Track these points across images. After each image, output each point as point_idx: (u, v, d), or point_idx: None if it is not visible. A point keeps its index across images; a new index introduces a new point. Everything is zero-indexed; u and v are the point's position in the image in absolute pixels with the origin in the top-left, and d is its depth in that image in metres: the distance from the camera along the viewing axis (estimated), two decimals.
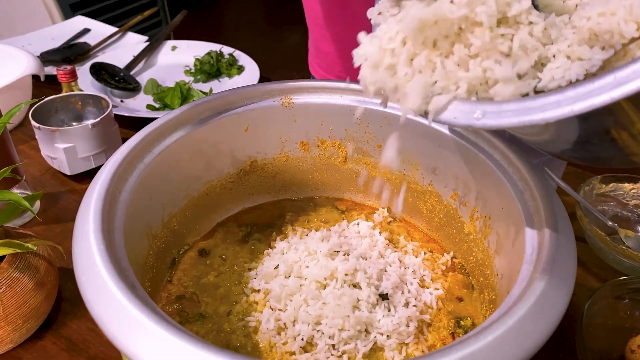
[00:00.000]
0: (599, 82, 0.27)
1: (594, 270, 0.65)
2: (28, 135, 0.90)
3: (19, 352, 0.53)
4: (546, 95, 0.30)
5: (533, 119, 0.30)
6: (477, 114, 0.33)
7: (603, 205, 0.69)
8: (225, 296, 0.54)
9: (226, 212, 0.65)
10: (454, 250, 0.61)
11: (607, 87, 0.27)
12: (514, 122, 0.32)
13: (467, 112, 0.34)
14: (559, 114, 0.29)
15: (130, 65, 1.10)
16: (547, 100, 0.30)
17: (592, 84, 0.28)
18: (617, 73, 0.27)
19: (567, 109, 0.29)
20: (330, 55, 0.99)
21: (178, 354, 0.31)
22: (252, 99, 0.59)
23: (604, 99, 0.27)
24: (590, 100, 0.28)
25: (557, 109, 0.29)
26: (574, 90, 0.29)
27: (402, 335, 0.50)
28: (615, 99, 0.27)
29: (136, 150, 0.49)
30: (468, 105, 0.34)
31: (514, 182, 0.48)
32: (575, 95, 0.28)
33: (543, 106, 0.30)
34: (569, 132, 0.35)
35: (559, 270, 0.38)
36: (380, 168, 0.62)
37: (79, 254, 0.37)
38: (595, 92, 0.28)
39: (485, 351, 0.32)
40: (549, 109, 0.30)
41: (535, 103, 0.31)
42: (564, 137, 0.37)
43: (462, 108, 0.35)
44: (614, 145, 0.34)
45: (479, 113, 0.33)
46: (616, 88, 0.27)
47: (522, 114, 0.31)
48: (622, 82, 0.26)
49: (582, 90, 0.28)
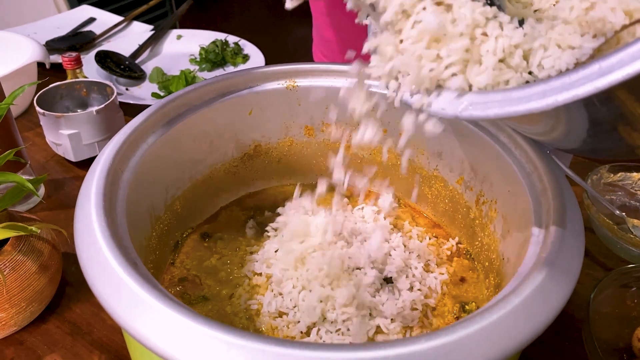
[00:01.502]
0: (583, 72, 0.26)
1: (601, 260, 0.64)
2: (33, 122, 0.90)
3: (23, 335, 0.53)
4: (533, 85, 0.29)
5: (518, 110, 0.29)
6: (464, 104, 0.32)
7: (611, 194, 0.68)
8: (228, 279, 0.54)
9: (230, 196, 0.65)
10: (459, 236, 0.60)
11: (592, 77, 0.26)
12: (499, 112, 0.31)
13: (454, 103, 0.33)
14: (542, 105, 0.28)
15: (136, 54, 1.10)
16: (532, 91, 0.29)
17: (576, 73, 0.27)
18: (602, 62, 0.25)
19: (551, 99, 0.28)
20: (334, 43, 0.99)
21: (178, 329, 0.30)
22: (256, 82, 0.59)
23: (587, 89, 0.26)
24: (574, 91, 0.27)
25: (542, 100, 0.28)
26: (560, 80, 0.28)
27: (406, 319, 0.50)
28: (600, 88, 0.25)
29: (139, 130, 0.48)
30: (456, 96, 0.33)
31: (521, 164, 0.48)
32: (560, 86, 0.27)
33: (528, 97, 0.29)
34: (565, 123, 0.34)
35: (567, 251, 0.37)
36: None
37: (81, 230, 0.37)
38: (580, 82, 0.26)
39: (489, 330, 0.31)
40: (534, 99, 0.29)
41: (521, 93, 0.30)
42: (560, 129, 0.36)
43: (449, 98, 0.34)
44: (614, 137, 0.33)
45: (466, 104, 0.32)
46: (601, 77, 0.25)
47: (506, 105, 0.30)
48: (607, 71, 0.25)
49: (567, 80, 0.27)
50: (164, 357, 0.30)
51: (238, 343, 0.29)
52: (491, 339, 0.31)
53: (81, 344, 0.53)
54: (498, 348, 0.31)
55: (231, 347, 0.29)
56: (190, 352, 0.29)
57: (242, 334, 0.30)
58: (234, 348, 0.29)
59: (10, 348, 0.52)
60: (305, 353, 0.29)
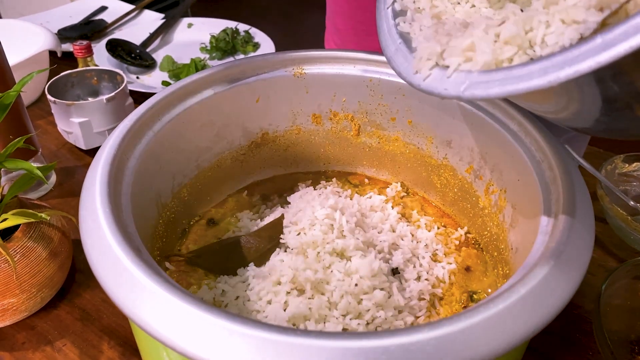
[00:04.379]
0: (585, 46, 0.25)
1: (614, 251, 0.63)
2: (45, 110, 0.91)
3: (34, 321, 0.54)
4: (534, 62, 0.28)
5: (518, 88, 0.29)
6: (465, 84, 0.32)
7: (625, 185, 0.67)
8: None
9: (237, 184, 0.65)
10: (468, 225, 0.59)
11: (594, 51, 0.25)
12: (500, 91, 0.30)
13: (456, 83, 0.33)
14: (544, 82, 0.27)
15: (146, 42, 1.11)
16: (533, 68, 0.28)
17: (578, 48, 0.26)
18: (605, 35, 0.24)
19: (552, 76, 0.27)
20: (346, 32, 0.98)
21: (179, 315, 0.30)
22: (263, 69, 0.58)
23: (589, 64, 0.25)
24: (575, 67, 0.25)
25: (543, 77, 0.27)
26: (562, 56, 0.27)
27: (413, 309, 0.49)
28: (602, 63, 0.24)
29: (145, 117, 0.48)
30: (458, 75, 0.33)
31: (531, 152, 0.47)
32: (562, 62, 0.26)
33: (530, 74, 0.28)
34: (575, 100, 0.33)
35: (575, 241, 0.36)
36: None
37: (85, 217, 0.37)
38: (581, 57, 0.25)
39: (493, 320, 0.31)
40: (535, 77, 0.28)
41: (522, 71, 0.29)
42: (571, 107, 0.35)
43: (452, 78, 0.33)
44: (628, 115, 0.32)
45: (468, 83, 0.32)
46: (603, 51, 0.24)
47: (507, 83, 0.29)
48: (610, 45, 0.24)
49: (569, 56, 0.26)
50: (164, 343, 0.30)
51: (239, 330, 0.29)
52: (496, 329, 0.31)
53: (91, 329, 0.53)
54: (503, 338, 0.30)
55: (232, 334, 0.29)
56: (190, 338, 0.29)
57: (243, 321, 0.30)
58: (236, 335, 0.29)
59: (22, 333, 0.53)
60: (305, 341, 0.29)
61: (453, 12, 0.40)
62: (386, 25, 0.42)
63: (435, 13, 0.39)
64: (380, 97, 0.60)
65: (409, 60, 0.37)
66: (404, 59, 0.38)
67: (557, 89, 0.27)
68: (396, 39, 0.40)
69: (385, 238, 0.54)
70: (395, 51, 0.39)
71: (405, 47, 0.39)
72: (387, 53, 0.40)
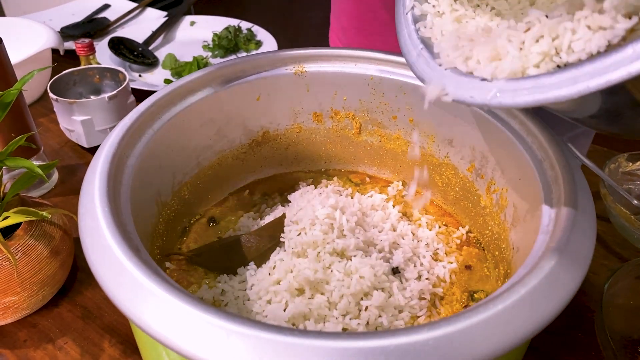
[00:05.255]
0: (616, 56, 0.25)
1: (617, 250, 0.62)
2: (48, 108, 0.91)
3: (36, 319, 0.54)
4: (563, 70, 0.28)
5: (548, 97, 0.29)
6: (492, 92, 0.32)
7: (629, 183, 0.66)
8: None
9: (238, 182, 0.64)
10: (470, 224, 0.59)
11: (625, 61, 0.25)
12: (529, 100, 0.30)
13: (483, 90, 0.32)
14: (573, 92, 0.27)
15: (149, 40, 1.11)
16: (563, 77, 0.28)
17: (609, 57, 0.25)
18: (636, 45, 0.24)
19: (582, 85, 0.27)
20: (350, 30, 0.97)
21: (177, 315, 0.30)
22: (264, 67, 0.58)
23: (621, 74, 0.25)
24: (606, 76, 0.25)
25: (573, 86, 0.27)
26: (592, 65, 0.27)
27: (414, 309, 0.49)
28: (633, 74, 0.24)
29: (145, 116, 0.48)
30: (485, 83, 0.33)
31: (533, 151, 0.46)
32: (592, 71, 0.26)
33: (559, 83, 0.28)
34: (599, 105, 0.33)
35: (577, 240, 0.36)
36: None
37: (84, 215, 0.37)
38: (613, 66, 0.25)
39: (493, 320, 0.31)
40: (565, 86, 0.28)
41: (551, 80, 0.29)
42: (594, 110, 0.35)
43: (479, 85, 0.33)
44: None
45: (495, 91, 0.32)
46: (635, 62, 0.24)
47: (536, 92, 0.29)
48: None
49: (599, 66, 0.26)
50: (161, 342, 0.30)
51: (237, 330, 0.29)
52: (495, 329, 0.30)
53: (92, 327, 0.53)
54: (502, 339, 0.30)
55: (230, 334, 0.29)
56: (188, 338, 0.29)
57: (241, 321, 0.30)
58: (233, 335, 0.29)
59: (24, 331, 0.53)
60: (303, 341, 0.29)
61: (473, 15, 0.39)
62: (406, 30, 0.41)
63: (456, 17, 0.39)
64: (382, 96, 0.60)
65: (431, 66, 0.37)
66: (427, 65, 0.38)
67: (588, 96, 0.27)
68: (418, 45, 0.39)
69: (385, 237, 0.53)
70: (417, 57, 0.39)
71: (428, 53, 0.38)
72: (409, 59, 0.40)
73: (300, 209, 0.55)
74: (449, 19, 0.39)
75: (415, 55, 0.39)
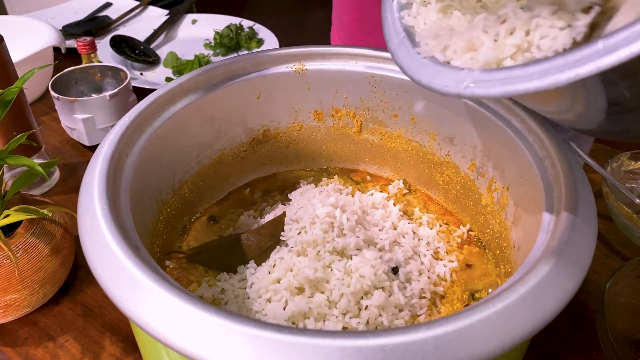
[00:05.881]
0: (586, 50, 0.25)
1: (619, 249, 0.62)
2: (49, 106, 0.91)
3: (37, 316, 0.54)
4: (535, 63, 0.28)
5: (518, 88, 0.29)
6: (466, 82, 0.32)
7: (631, 182, 0.66)
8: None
9: (238, 181, 0.64)
10: (471, 223, 0.59)
11: (595, 56, 0.25)
12: (500, 91, 0.30)
13: (457, 79, 0.32)
14: (543, 84, 0.27)
15: (151, 39, 1.11)
16: (534, 69, 0.28)
17: (580, 52, 0.26)
18: (606, 40, 0.24)
19: (552, 78, 0.27)
20: (351, 28, 0.97)
21: (176, 313, 0.30)
22: (264, 65, 0.58)
23: (589, 69, 0.25)
24: (576, 70, 0.26)
25: (544, 79, 0.27)
26: (563, 59, 0.27)
27: (414, 308, 0.49)
28: (602, 68, 0.24)
29: (145, 114, 0.48)
30: (460, 73, 0.33)
31: (534, 150, 0.46)
32: (563, 64, 0.26)
33: (530, 75, 0.28)
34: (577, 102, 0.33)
35: (577, 239, 0.36)
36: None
37: (83, 213, 0.37)
38: (582, 61, 0.25)
39: (493, 319, 0.30)
40: (535, 78, 0.28)
41: (522, 72, 0.29)
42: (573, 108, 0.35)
43: (454, 75, 0.33)
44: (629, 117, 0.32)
45: (469, 81, 0.32)
46: (604, 56, 0.24)
47: (508, 84, 0.29)
48: (611, 50, 0.24)
49: (570, 59, 0.26)
50: (159, 340, 0.30)
51: (235, 328, 0.29)
52: (495, 328, 0.30)
53: (93, 325, 0.53)
54: (502, 338, 0.30)
55: (228, 332, 0.29)
56: (186, 336, 0.29)
57: (239, 320, 0.30)
58: (231, 333, 0.29)
59: (25, 328, 0.53)
60: (301, 339, 0.29)
61: (459, 6, 0.39)
62: (391, 18, 0.41)
63: (442, 7, 0.39)
64: (383, 94, 0.60)
65: (411, 54, 0.37)
66: (407, 53, 0.38)
67: (558, 90, 0.27)
68: (400, 33, 0.39)
69: (386, 236, 0.53)
70: (399, 45, 0.39)
71: (409, 41, 0.38)
72: (390, 46, 0.40)
73: (300, 208, 0.54)
74: (434, 8, 0.39)
75: (397, 43, 0.39)
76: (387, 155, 0.65)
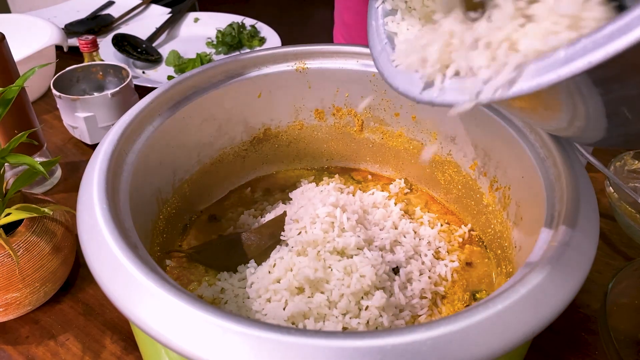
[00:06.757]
0: (548, 60, 0.25)
1: (622, 249, 0.62)
2: (51, 105, 0.91)
3: (38, 315, 0.54)
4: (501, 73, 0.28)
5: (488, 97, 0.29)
6: (438, 90, 0.32)
7: (635, 182, 0.66)
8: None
9: (239, 179, 0.64)
10: (472, 223, 0.59)
11: (557, 64, 0.25)
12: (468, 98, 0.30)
13: (431, 87, 0.33)
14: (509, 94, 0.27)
15: (153, 37, 1.11)
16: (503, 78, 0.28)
17: (542, 61, 0.26)
18: (568, 49, 0.24)
19: (517, 87, 0.27)
20: (353, 26, 0.97)
21: (175, 313, 0.30)
22: (265, 64, 0.58)
23: (550, 78, 0.25)
24: (537, 80, 0.26)
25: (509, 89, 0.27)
26: (533, 66, 0.27)
27: (415, 308, 0.49)
28: (562, 77, 0.24)
29: (145, 113, 0.48)
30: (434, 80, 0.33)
31: (536, 149, 0.46)
32: (527, 74, 0.27)
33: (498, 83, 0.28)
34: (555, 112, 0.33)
35: (579, 239, 0.36)
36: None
37: (82, 212, 0.37)
38: (544, 70, 0.25)
39: (493, 320, 0.30)
40: (502, 87, 0.28)
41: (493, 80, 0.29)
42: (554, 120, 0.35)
43: (427, 83, 0.33)
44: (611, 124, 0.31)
45: (440, 89, 0.32)
46: (564, 65, 0.24)
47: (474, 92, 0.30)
48: (571, 59, 0.24)
49: (532, 68, 0.26)
50: (158, 340, 0.30)
51: (233, 328, 0.29)
52: (495, 329, 0.30)
53: (94, 324, 0.54)
54: (502, 339, 0.30)
55: (226, 332, 0.29)
56: (185, 336, 0.29)
57: (237, 319, 0.30)
58: (230, 333, 0.29)
59: (26, 327, 0.53)
60: (300, 340, 0.28)
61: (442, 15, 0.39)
62: (375, 24, 0.42)
63: (426, 13, 0.39)
64: (384, 93, 0.59)
65: (391, 62, 0.37)
66: (388, 60, 0.38)
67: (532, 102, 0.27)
68: (383, 39, 0.40)
69: (387, 235, 0.53)
70: (381, 51, 0.39)
71: (390, 48, 0.39)
72: (373, 53, 0.40)
73: (301, 207, 0.54)
74: (418, 14, 0.39)
75: (380, 49, 0.40)
76: (389, 154, 0.65)
